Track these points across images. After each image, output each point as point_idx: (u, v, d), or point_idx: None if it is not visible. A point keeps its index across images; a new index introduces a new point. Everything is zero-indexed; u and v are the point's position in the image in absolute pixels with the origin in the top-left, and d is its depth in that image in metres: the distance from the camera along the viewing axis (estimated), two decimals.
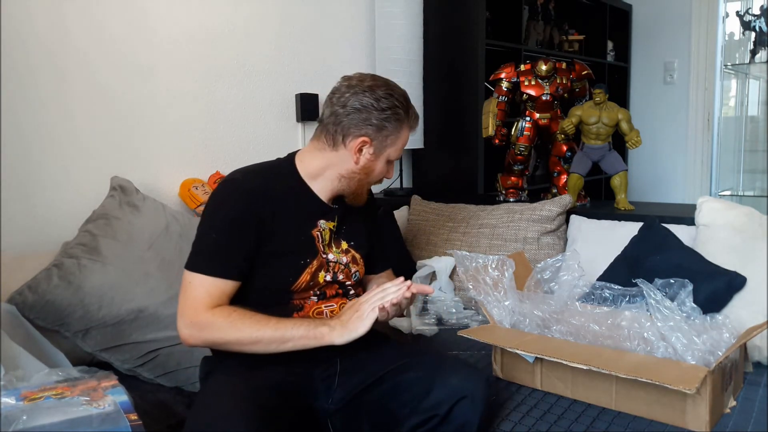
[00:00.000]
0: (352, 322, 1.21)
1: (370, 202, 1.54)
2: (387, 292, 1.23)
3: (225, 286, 1.26)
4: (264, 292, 1.31)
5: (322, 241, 1.36)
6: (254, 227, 1.27)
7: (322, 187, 1.37)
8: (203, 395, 1.21)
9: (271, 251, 1.29)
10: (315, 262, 1.33)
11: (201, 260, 1.26)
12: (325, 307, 1.35)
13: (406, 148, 2.65)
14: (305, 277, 1.32)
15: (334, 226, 1.38)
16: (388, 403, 1.24)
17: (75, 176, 1.79)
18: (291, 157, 1.39)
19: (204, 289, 1.24)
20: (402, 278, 1.27)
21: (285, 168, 1.38)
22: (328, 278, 1.35)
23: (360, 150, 1.32)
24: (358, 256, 1.42)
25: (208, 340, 1.24)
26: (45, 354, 1.41)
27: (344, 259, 1.39)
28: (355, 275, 1.41)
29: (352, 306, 1.26)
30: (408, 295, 1.24)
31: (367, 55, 2.73)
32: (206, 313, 1.22)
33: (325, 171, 1.35)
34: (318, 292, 1.35)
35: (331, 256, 1.37)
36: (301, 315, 1.33)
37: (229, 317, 1.23)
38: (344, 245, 1.40)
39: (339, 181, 1.36)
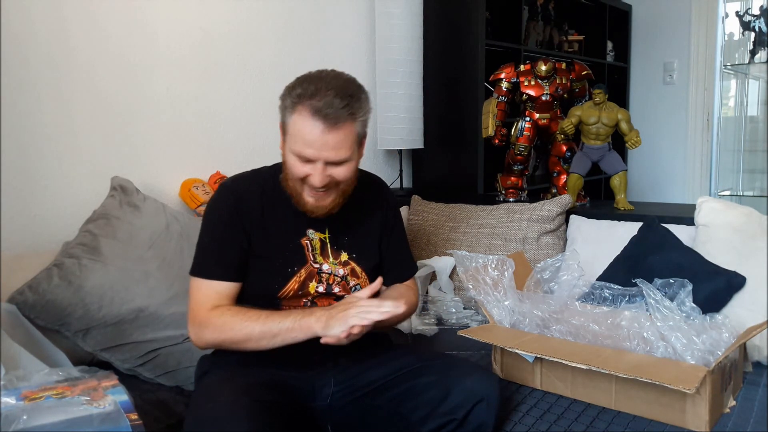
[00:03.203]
0: (335, 320, 1.18)
1: (386, 210, 1.48)
2: (381, 308, 1.18)
3: (222, 288, 1.29)
4: (253, 297, 1.32)
5: (312, 250, 1.34)
6: (242, 227, 1.31)
7: None
8: (200, 392, 1.22)
9: (259, 256, 1.31)
10: (303, 271, 1.32)
11: (198, 265, 1.31)
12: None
13: (406, 147, 2.68)
14: (293, 285, 1.32)
15: (325, 237, 1.36)
16: (399, 407, 1.24)
17: (75, 176, 1.79)
18: None
19: (203, 293, 1.29)
20: (403, 301, 1.23)
21: (277, 174, 1.37)
22: (321, 289, 1.34)
23: (282, 139, 1.29)
24: (359, 269, 1.38)
25: (208, 340, 1.27)
26: (45, 354, 1.42)
27: (341, 271, 1.36)
28: (355, 289, 1.38)
29: (348, 301, 1.24)
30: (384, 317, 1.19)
31: (367, 55, 2.73)
32: (204, 315, 1.27)
33: None
34: (309, 303, 1.34)
35: (325, 267, 1.35)
36: None
37: (222, 317, 1.25)
38: (344, 257, 1.37)
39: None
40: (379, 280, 1.31)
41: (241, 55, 2.23)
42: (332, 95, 1.18)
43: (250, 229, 1.31)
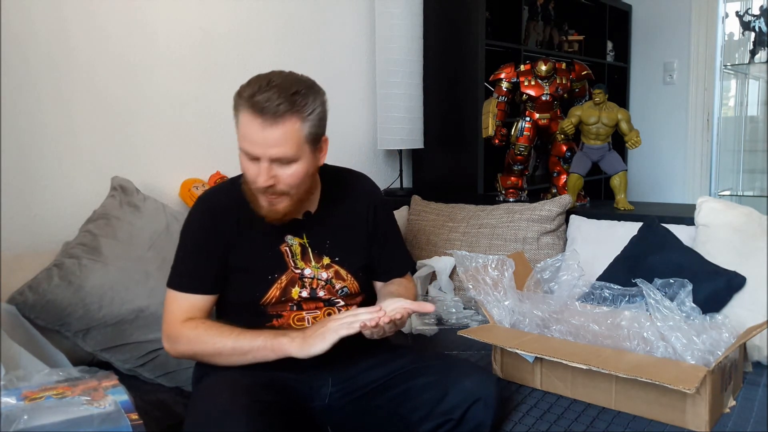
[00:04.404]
0: (313, 339, 1.18)
1: (373, 209, 1.45)
2: (358, 318, 1.17)
3: (196, 300, 1.30)
4: (236, 305, 1.32)
5: (293, 256, 1.33)
6: (219, 243, 1.30)
7: None
8: (199, 395, 1.22)
9: (238, 266, 1.31)
10: (284, 278, 1.31)
11: (174, 277, 1.32)
12: (307, 314, 1.33)
13: (406, 147, 2.68)
14: (274, 292, 1.31)
15: (304, 242, 1.35)
16: (397, 408, 1.24)
17: (76, 176, 1.79)
18: None
19: (177, 305, 1.29)
20: (378, 306, 1.20)
21: None
22: (304, 294, 1.32)
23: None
24: (343, 271, 1.37)
25: (181, 352, 1.28)
26: (45, 354, 1.42)
27: (324, 275, 1.34)
28: (342, 290, 1.36)
29: (323, 322, 1.22)
30: (382, 323, 1.17)
31: (367, 55, 2.73)
32: (177, 327, 1.27)
33: None
34: (295, 308, 1.33)
35: (307, 271, 1.33)
36: (281, 323, 1.32)
37: (195, 330, 1.26)
38: (326, 260, 1.35)
39: None
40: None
41: (241, 55, 2.23)
42: (273, 91, 1.17)
43: (226, 242, 1.30)
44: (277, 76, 1.21)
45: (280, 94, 1.17)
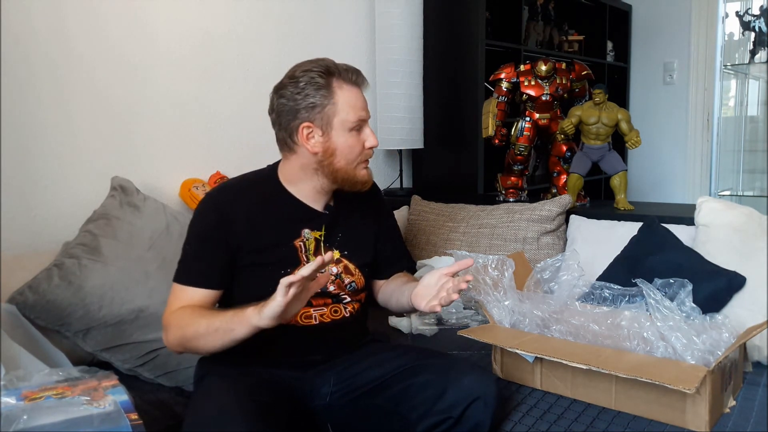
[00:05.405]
0: (269, 301, 1.11)
1: (377, 207, 1.48)
2: (298, 274, 1.09)
3: (195, 293, 1.28)
4: (246, 302, 1.31)
5: (306, 251, 1.33)
6: (225, 240, 1.29)
7: (307, 191, 1.34)
8: (199, 394, 1.22)
9: (250, 262, 1.30)
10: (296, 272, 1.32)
11: (178, 271, 1.32)
12: (315, 311, 1.33)
13: (406, 147, 2.68)
14: None
15: (321, 235, 1.35)
16: (397, 406, 1.24)
17: (76, 176, 1.80)
18: (275, 166, 1.39)
19: (175, 296, 1.29)
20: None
21: (267, 178, 1.37)
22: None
23: (308, 138, 1.28)
24: (352, 266, 1.38)
25: (171, 340, 1.26)
26: (45, 354, 1.42)
27: (334, 270, 1.35)
28: (350, 285, 1.37)
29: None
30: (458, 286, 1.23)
31: (367, 55, 2.73)
32: (168, 316, 1.27)
33: (300, 173, 1.33)
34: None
35: None
36: (287, 319, 1.31)
37: (180, 315, 1.25)
38: (336, 254, 1.36)
39: (318, 176, 1.32)
40: None
41: (241, 56, 2.23)
42: (346, 65, 1.31)
43: (234, 240, 1.29)
44: (322, 58, 1.34)
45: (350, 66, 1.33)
